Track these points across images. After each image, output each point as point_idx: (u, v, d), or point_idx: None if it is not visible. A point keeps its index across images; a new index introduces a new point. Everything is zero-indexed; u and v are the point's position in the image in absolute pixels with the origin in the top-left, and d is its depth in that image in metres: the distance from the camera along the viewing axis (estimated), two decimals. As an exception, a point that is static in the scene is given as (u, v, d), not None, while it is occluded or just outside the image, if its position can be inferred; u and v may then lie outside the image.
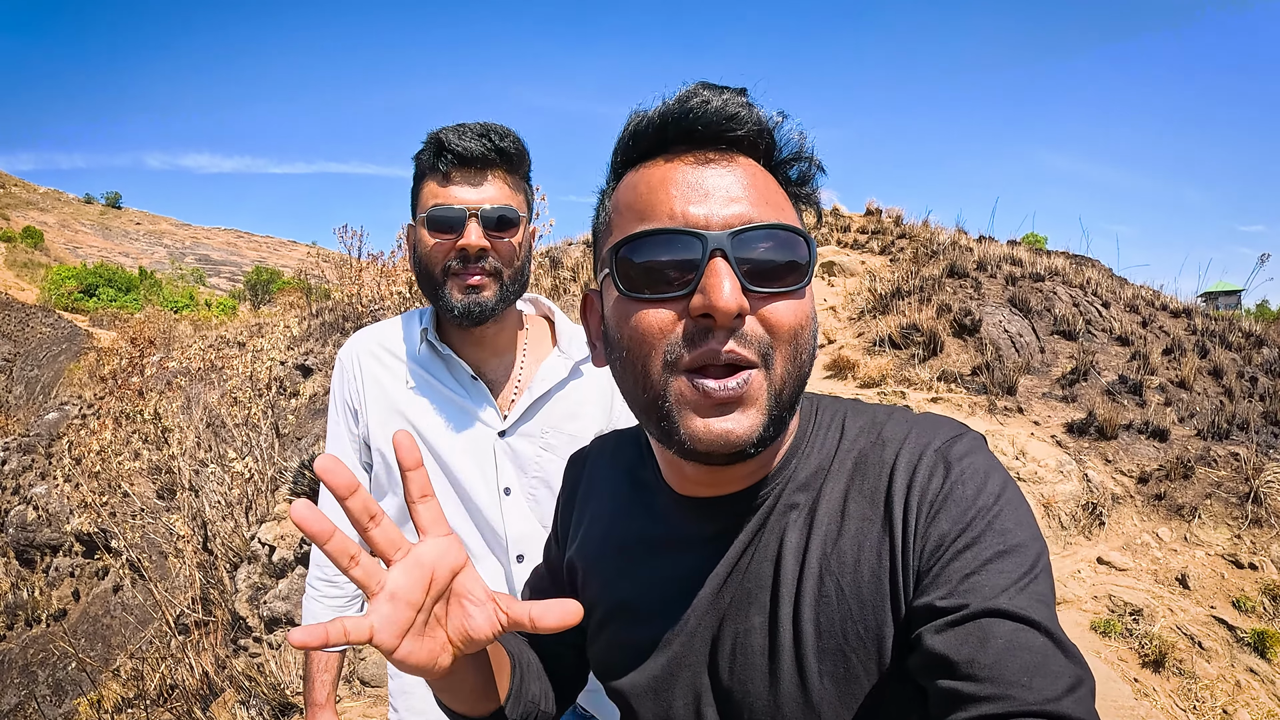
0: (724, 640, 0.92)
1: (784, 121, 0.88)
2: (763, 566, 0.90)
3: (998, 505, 0.80)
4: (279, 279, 38.47)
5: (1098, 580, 5.12)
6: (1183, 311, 9.83)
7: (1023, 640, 0.70)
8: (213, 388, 10.38)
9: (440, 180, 1.63)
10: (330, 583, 1.86)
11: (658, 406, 0.83)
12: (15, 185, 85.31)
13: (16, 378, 24.35)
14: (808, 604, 0.85)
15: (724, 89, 0.86)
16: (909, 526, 0.82)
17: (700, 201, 0.81)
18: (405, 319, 1.85)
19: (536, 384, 1.75)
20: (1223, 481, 5.84)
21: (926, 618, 0.76)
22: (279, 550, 6.22)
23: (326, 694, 1.83)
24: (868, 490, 0.87)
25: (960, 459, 0.84)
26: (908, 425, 0.91)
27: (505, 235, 1.65)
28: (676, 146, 0.86)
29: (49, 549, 11.82)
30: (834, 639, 0.83)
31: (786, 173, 0.91)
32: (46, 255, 58.79)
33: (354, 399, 1.79)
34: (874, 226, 14.38)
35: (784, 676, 0.85)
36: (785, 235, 0.82)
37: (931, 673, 0.73)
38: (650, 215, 0.83)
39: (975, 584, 0.74)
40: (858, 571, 0.83)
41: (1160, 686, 4.13)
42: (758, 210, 0.82)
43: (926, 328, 8.39)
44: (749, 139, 0.86)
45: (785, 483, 0.92)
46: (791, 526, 0.90)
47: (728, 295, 0.76)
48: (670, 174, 0.84)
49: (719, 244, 0.78)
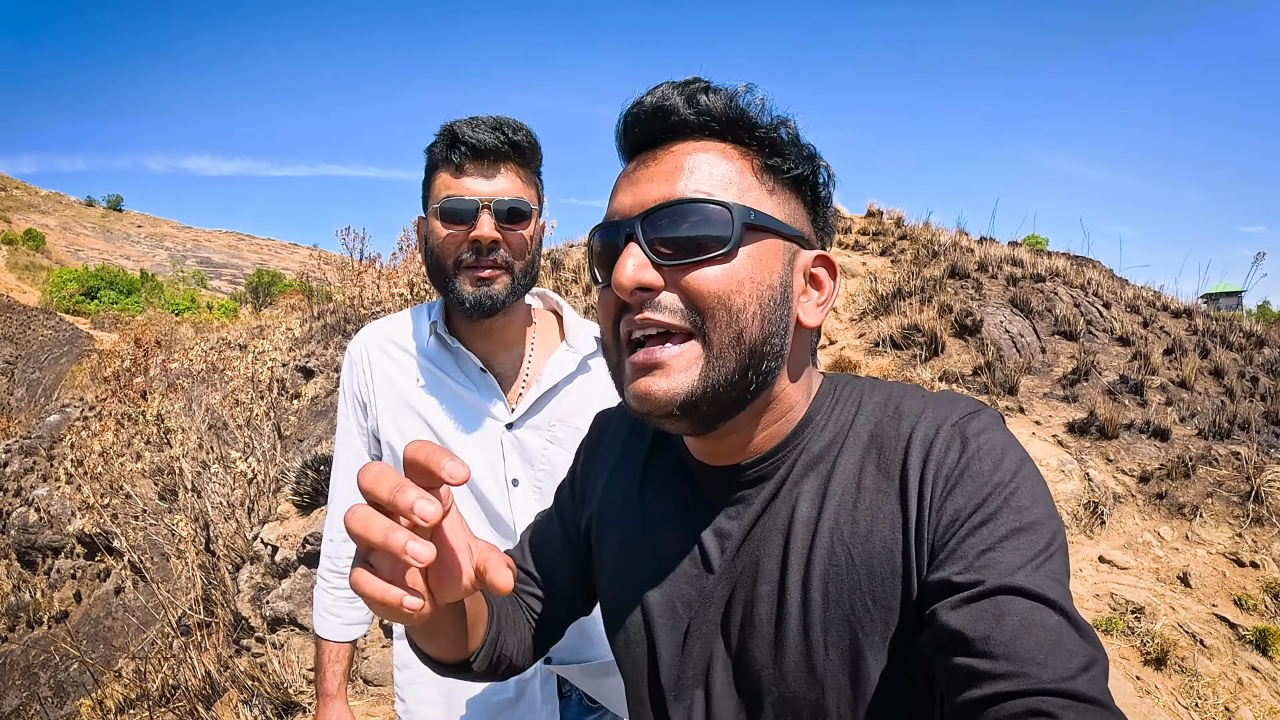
0: (735, 607, 0.93)
1: (740, 96, 0.89)
2: (774, 535, 0.91)
3: (1014, 482, 0.80)
4: (280, 281, 38.48)
5: (1099, 579, 5.12)
6: (1184, 312, 9.83)
7: (1038, 618, 0.70)
8: (214, 389, 10.39)
9: (453, 172, 1.64)
10: (339, 574, 1.88)
11: (618, 376, 0.92)
12: (16, 188, 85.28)
13: (18, 380, 24.37)
14: (817, 573, 0.85)
15: (660, 86, 0.90)
16: (924, 500, 0.82)
17: (627, 192, 0.89)
18: (414, 312, 1.86)
19: (545, 377, 1.75)
20: (1224, 480, 5.84)
21: (942, 593, 0.76)
22: (281, 550, 6.23)
23: (338, 684, 1.84)
24: (883, 463, 0.88)
25: (978, 434, 0.84)
26: (924, 400, 0.92)
27: (517, 228, 1.66)
28: (634, 152, 0.94)
29: (51, 551, 11.83)
30: (842, 608, 0.83)
31: (758, 147, 0.91)
32: (48, 258, 58.76)
33: (363, 392, 1.80)
34: (875, 228, 14.38)
35: (789, 645, 0.86)
36: (696, 207, 0.84)
37: (945, 649, 0.73)
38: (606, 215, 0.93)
39: (991, 560, 0.75)
40: (869, 542, 0.84)
41: (1162, 684, 4.13)
42: (682, 188, 0.85)
43: (928, 328, 8.40)
44: (690, 123, 0.89)
45: (799, 452, 0.93)
46: (804, 496, 0.91)
47: (627, 273, 0.83)
48: (621, 176, 0.93)
49: (629, 228, 0.86)
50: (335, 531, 1.89)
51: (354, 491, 1.84)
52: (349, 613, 1.87)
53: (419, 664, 1.82)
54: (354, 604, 1.87)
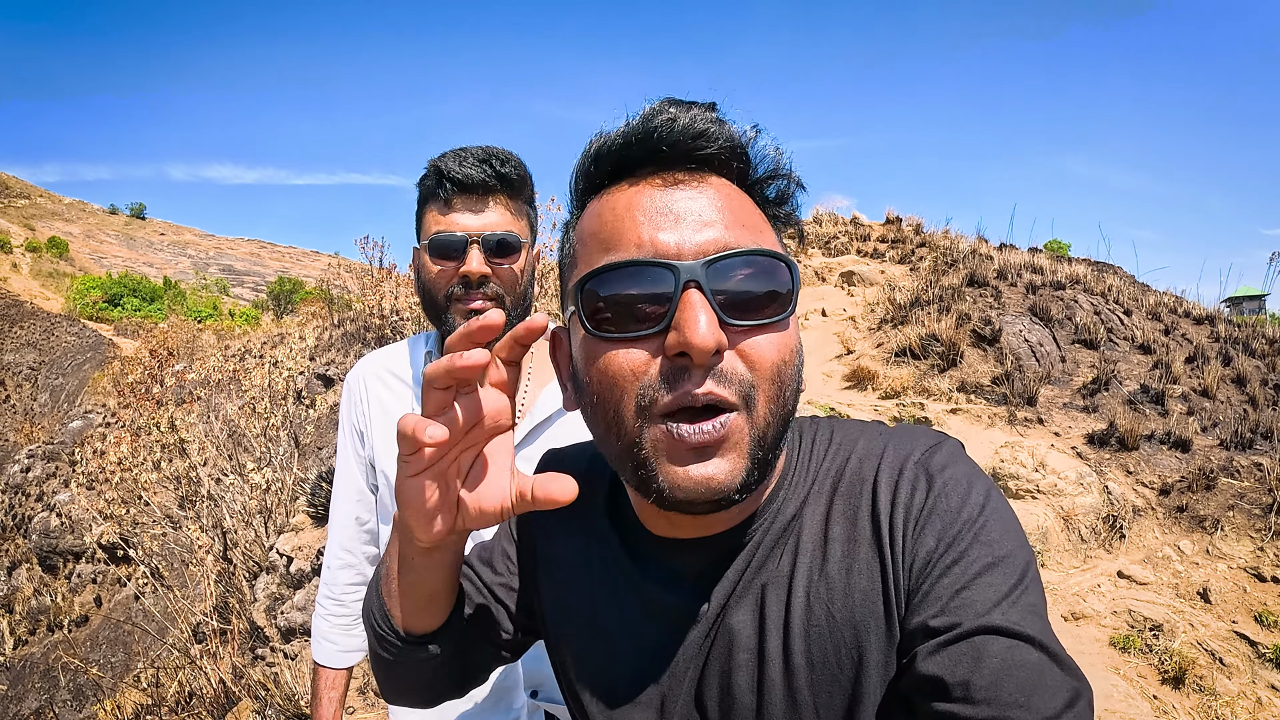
0: (709, 680, 0.88)
1: (758, 137, 0.83)
2: (747, 601, 0.87)
3: (983, 517, 0.78)
4: (302, 289, 38.75)
5: (1117, 595, 5.06)
6: (1206, 318, 9.71)
7: (1018, 657, 0.68)
8: (231, 398, 10.46)
9: (441, 208, 1.65)
10: (337, 601, 1.89)
11: (633, 454, 0.77)
12: (41, 196, 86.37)
13: (42, 386, 24.65)
14: (797, 635, 0.82)
15: (691, 104, 0.80)
16: (895, 543, 0.79)
17: (670, 228, 0.76)
18: (411, 343, 1.87)
19: (539, 409, 1.74)
20: (1246, 493, 5.76)
21: (920, 639, 0.74)
22: (296, 561, 6.25)
23: (334, 711, 1.85)
24: (849, 511, 0.84)
25: (942, 470, 0.82)
26: (883, 439, 0.88)
27: (506, 261, 1.66)
28: (642, 169, 0.81)
29: (72, 555, 11.95)
30: (829, 670, 0.80)
31: (763, 192, 0.85)
32: (72, 265, 59.51)
33: (360, 421, 1.81)
34: (893, 235, 14.34)
35: (775, 714, 0.83)
36: (765, 261, 0.77)
37: (926, 695, 0.71)
38: (616, 245, 0.77)
39: (966, 600, 0.72)
40: (848, 596, 0.80)
41: (1180, 704, 4.07)
42: (733, 234, 0.76)
43: (946, 337, 8.34)
44: (720, 157, 0.80)
45: (773, 517, 0.88)
46: (777, 557, 0.86)
47: (704, 331, 0.70)
48: (636, 198, 0.79)
49: (692, 274, 0.73)
50: (333, 559, 1.89)
51: (350, 517, 1.86)
52: (345, 640, 1.87)
53: None
54: (350, 631, 1.88)
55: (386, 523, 1.84)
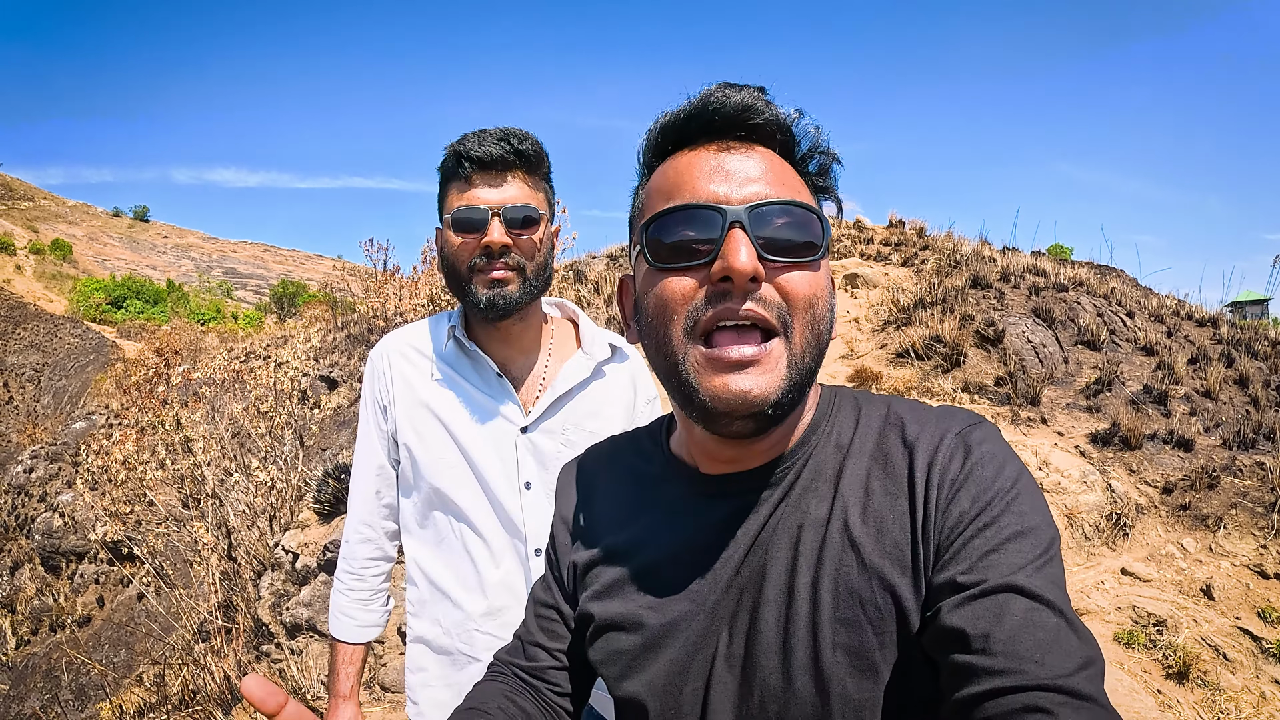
0: (741, 613, 0.93)
1: (801, 117, 0.94)
2: (782, 539, 0.92)
3: (1015, 489, 0.83)
4: (305, 292, 38.77)
5: (1121, 591, 5.07)
6: (1208, 321, 9.71)
7: (1037, 619, 0.72)
8: (236, 398, 10.47)
9: (462, 185, 1.71)
10: (356, 576, 1.92)
11: (678, 371, 0.88)
12: (44, 199, 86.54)
13: (45, 387, 24.68)
14: (827, 573, 0.86)
15: (743, 87, 0.92)
16: (930, 503, 0.84)
17: (721, 181, 0.88)
18: (434, 320, 1.92)
19: (560, 382, 1.81)
20: (1248, 491, 5.77)
21: (946, 593, 0.78)
22: (302, 558, 6.27)
23: (350, 686, 1.88)
24: (890, 469, 0.90)
25: (979, 444, 0.87)
26: (925, 412, 0.95)
27: (526, 232, 1.72)
28: (700, 139, 0.93)
29: (74, 555, 11.97)
30: (852, 609, 0.84)
31: (805, 166, 0.97)
32: (75, 267, 59.60)
33: (383, 396, 1.85)
34: (897, 238, 14.33)
35: (797, 646, 0.86)
36: (800, 212, 0.88)
37: (946, 646, 0.75)
38: (676, 195, 0.90)
39: (994, 561, 0.77)
40: (880, 543, 0.85)
41: (1184, 698, 4.08)
42: (774, 190, 0.88)
43: (949, 339, 8.35)
44: (766, 129, 0.92)
45: (806, 458, 0.95)
46: (814, 500, 0.92)
47: (744, 259, 0.83)
48: (695, 160, 0.91)
49: (737, 217, 0.85)
50: (352, 534, 1.92)
51: (370, 492, 1.90)
52: (364, 615, 1.90)
53: (434, 667, 1.85)
54: (368, 607, 1.91)
55: (407, 496, 1.87)
